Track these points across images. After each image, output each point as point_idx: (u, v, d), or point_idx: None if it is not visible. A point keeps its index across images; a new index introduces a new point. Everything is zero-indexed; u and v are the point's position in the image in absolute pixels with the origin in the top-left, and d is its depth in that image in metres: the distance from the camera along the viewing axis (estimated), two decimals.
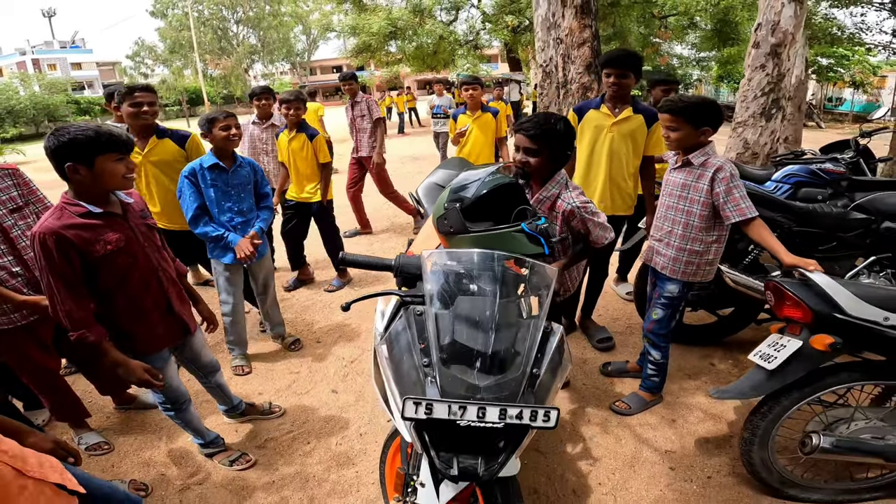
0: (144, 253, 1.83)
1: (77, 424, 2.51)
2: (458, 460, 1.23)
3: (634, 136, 2.78)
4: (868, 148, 4.18)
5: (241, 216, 2.80)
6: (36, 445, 1.28)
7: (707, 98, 2.19)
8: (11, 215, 2.06)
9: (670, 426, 2.48)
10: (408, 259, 1.56)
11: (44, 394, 2.34)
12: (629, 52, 2.73)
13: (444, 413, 1.14)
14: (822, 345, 1.60)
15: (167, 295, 1.94)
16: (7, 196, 2.07)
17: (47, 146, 1.60)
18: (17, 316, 2.08)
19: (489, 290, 1.38)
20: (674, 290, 2.31)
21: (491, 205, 1.66)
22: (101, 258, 1.68)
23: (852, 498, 1.96)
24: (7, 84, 25.71)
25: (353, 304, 1.48)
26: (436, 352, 1.26)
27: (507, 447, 1.26)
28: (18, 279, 2.07)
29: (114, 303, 1.80)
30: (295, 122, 3.75)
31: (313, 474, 2.27)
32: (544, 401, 1.30)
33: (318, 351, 3.34)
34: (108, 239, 1.68)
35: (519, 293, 1.48)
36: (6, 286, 2.02)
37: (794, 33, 4.28)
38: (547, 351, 1.37)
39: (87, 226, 1.64)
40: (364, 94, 5.20)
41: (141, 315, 1.86)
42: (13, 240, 2.06)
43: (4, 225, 2.03)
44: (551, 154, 1.99)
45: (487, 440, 1.27)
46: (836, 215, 2.68)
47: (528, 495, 2.08)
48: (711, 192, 2.09)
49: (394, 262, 1.56)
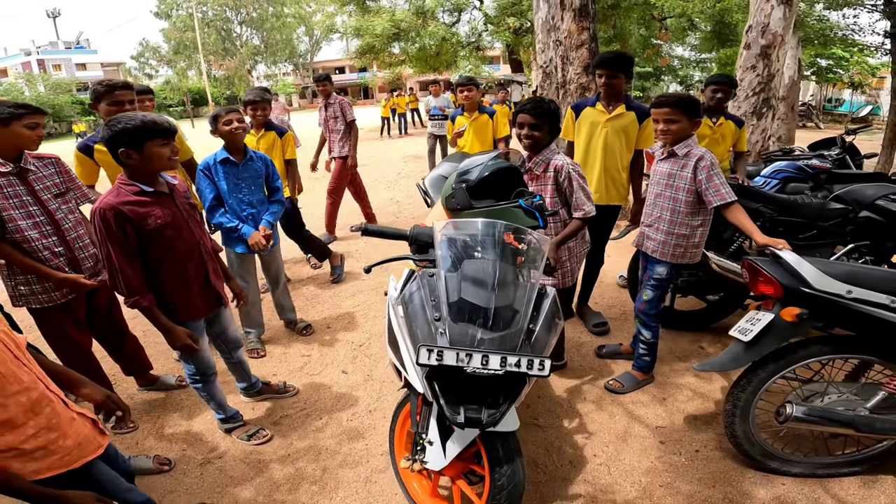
0: (188, 227, 2.05)
1: None
2: (465, 409, 1.40)
3: (627, 131, 2.98)
4: (854, 145, 4.34)
5: (252, 207, 2.97)
6: (89, 396, 1.46)
7: (691, 95, 2.37)
8: (56, 200, 2.24)
9: (661, 404, 2.64)
10: (421, 229, 1.79)
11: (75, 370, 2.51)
12: (619, 54, 2.94)
13: (453, 360, 1.33)
14: (791, 316, 1.76)
15: (206, 266, 2.15)
16: (52, 182, 2.25)
17: (103, 136, 1.82)
18: (57, 294, 2.26)
19: (491, 255, 1.57)
20: (662, 272, 2.48)
21: (493, 186, 1.89)
22: (152, 231, 1.90)
23: (830, 472, 2.06)
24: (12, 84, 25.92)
25: (374, 266, 1.74)
26: (445, 308, 1.45)
27: (507, 399, 1.43)
28: (61, 259, 2.24)
29: (160, 274, 2.00)
30: (262, 122, 3.78)
31: (326, 447, 2.44)
32: (541, 353, 1.48)
33: (327, 336, 3.51)
34: (157, 214, 1.90)
35: (518, 264, 1.66)
36: (49, 265, 2.19)
37: (783, 35, 4.45)
38: (542, 309, 1.55)
39: (140, 202, 1.87)
40: (339, 96, 5.20)
41: (184, 285, 2.06)
42: (58, 222, 2.23)
43: (50, 208, 2.21)
44: (550, 127, 2.38)
45: (490, 392, 1.45)
46: (815, 206, 2.84)
47: (527, 465, 2.22)
48: (694, 180, 2.28)
49: (409, 232, 1.80)
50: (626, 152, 3.04)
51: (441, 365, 1.34)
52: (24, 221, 2.12)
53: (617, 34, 15.02)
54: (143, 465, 2.28)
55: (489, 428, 1.41)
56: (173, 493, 2.18)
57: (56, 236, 2.22)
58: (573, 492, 2.09)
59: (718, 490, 2.06)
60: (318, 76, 5.35)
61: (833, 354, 1.91)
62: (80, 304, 2.40)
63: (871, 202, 2.82)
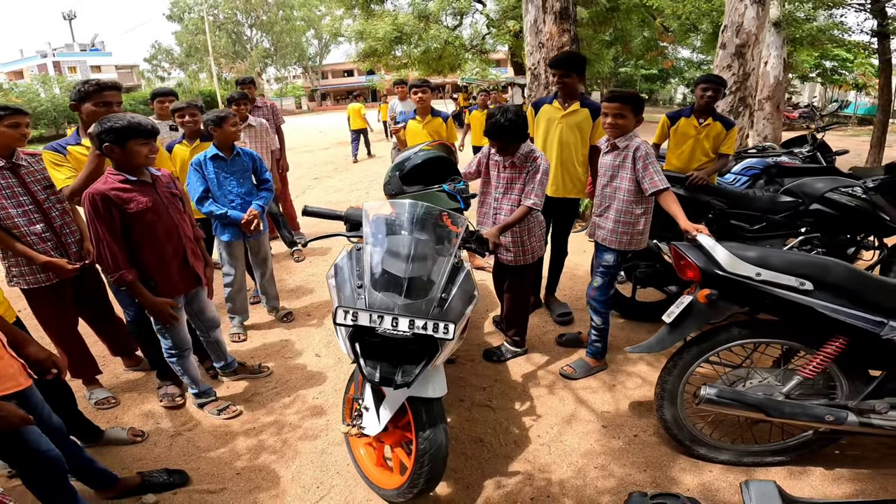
0: (168, 213, 2.30)
1: (89, 381, 2.86)
2: (381, 368, 1.56)
3: (581, 127, 3.13)
4: (825, 142, 4.41)
5: (241, 198, 3.21)
6: (33, 354, 1.67)
7: (638, 93, 2.50)
8: (45, 191, 2.48)
9: (609, 390, 2.76)
10: (353, 210, 2.05)
11: (63, 350, 2.70)
12: (571, 54, 3.12)
13: (366, 321, 1.50)
14: (703, 297, 1.88)
15: (184, 248, 2.38)
16: (42, 175, 2.49)
17: (92, 132, 2.10)
18: (43, 276, 2.47)
19: (409, 232, 1.76)
20: (610, 260, 2.61)
21: (428, 173, 2.07)
22: (134, 214, 2.16)
23: (756, 461, 2.13)
24: (28, 87, 26.22)
25: (311, 241, 2.08)
26: (368, 277, 1.64)
27: (421, 361, 1.58)
28: (48, 244, 2.46)
29: (142, 254, 2.25)
30: (195, 131, 3.56)
31: (289, 422, 2.60)
32: (455, 321, 1.63)
33: (307, 322, 3.68)
34: (138, 200, 2.17)
35: (455, 243, 1.82)
36: (36, 248, 2.41)
37: (757, 34, 4.54)
38: (456, 281, 1.71)
39: (124, 189, 2.15)
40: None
41: (163, 264, 2.31)
42: (46, 210, 2.46)
43: (39, 198, 2.44)
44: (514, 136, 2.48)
45: (410, 358, 1.60)
46: (765, 199, 2.95)
47: (472, 443, 2.37)
48: (634, 169, 2.40)
49: (343, 212, 2.04)
50: (581, 147, 3.17)
51: (359, 326, 1.51)
52: (15, 210, 2.35)
53: (618, 37, 15.08)
54: (118, 436, 2.46)
55: (402, 387, 1.56)
56: (142, 460, 2.35)
57: (44, 223, 2.45)
58: (513, 469, 2.22)
59: (648, 474, 2.16)
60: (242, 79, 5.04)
61: (753, 338, 2.01)
62: (67, 287, 2.60)
63: (821, 195, 2.91)
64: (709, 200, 2.93)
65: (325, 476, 2.19)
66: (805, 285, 1.79)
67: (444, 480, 2.10)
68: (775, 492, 0.89)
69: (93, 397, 2.82)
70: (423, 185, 2.14)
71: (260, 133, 4.47)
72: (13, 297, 2.31)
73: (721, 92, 3.34)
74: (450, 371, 2.93)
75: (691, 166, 3.29)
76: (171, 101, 3.97)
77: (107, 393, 2.86)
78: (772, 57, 7.51)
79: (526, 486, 2.12)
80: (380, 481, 1.98)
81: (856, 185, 2.91)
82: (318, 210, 2.09)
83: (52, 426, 1.79)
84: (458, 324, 1.62)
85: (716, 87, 3.28)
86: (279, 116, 5.30)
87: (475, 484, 2.12)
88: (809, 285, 1.79)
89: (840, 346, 1.83)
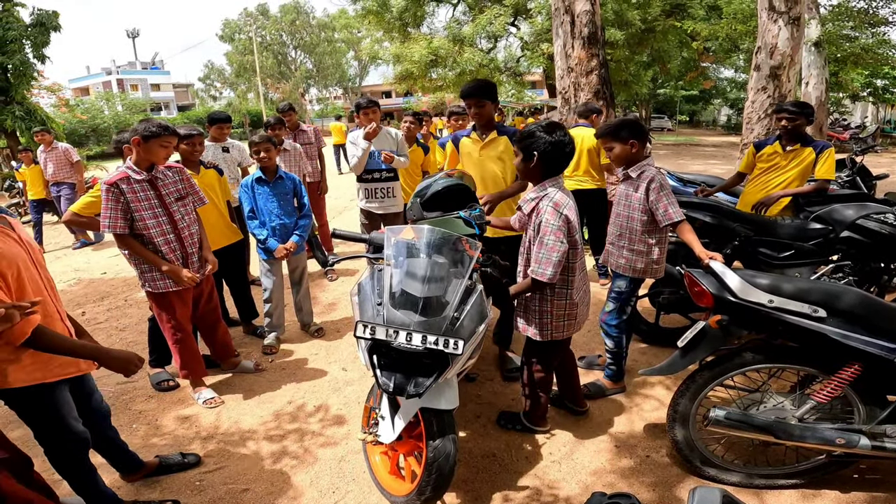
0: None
1: (196, 384, 3.04)
2: (395, 379, 1.68)
3: (503, 157, 2.94)
4: (864, 166, 4.28)
5: (280, 219, 3.50)
6: None
7: (627, 118, 2.56)
8: (176, 203, 2.74)
9: (626, 412, 2.76)
10: (378, 234, 2.20)
11: (177, 351, 2.92)
12: (481, 82, 2.87)
13: (383, 335, 1.65)
14: (714, 322, 1.90)
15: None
16: (175, 188, 2.74)
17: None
18: (170, 282, 2.72)
19: (425, 254, 1.89)
20: (622, 286, 2.64)
21: (448, 200, 2.21)
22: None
23: (768, 483, 2.10)
24: (92, 103, 26.87)
25: (338, 262, 2.25)
26: (387, 295, 1.77)
27: (432, 374, 1.70)
28: (175, 253, 2.72)
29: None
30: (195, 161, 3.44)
31: (312, 430, 2.73)
32: (465, 338, 1.75)
33: (336, 337, 3.85)
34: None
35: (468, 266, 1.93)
36: (164, 257, 2.68)
37: (792, 55, 4.48)
38: (469, 302, 1.81)
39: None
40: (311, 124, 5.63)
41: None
42: (176, 221, 2.71)
43: (171, 210, 2.70)
44: None
45: (421, 369, 1.72)
46: (794, 226, 2.90)
47: (485, 457, 2.43)
48: (647, 200, 2.44)
49: (368, 235, 2.21)
50: (509, 175, 2.96)
51: (376, 340, 1.65)
52: (151, 220, 2.63)
53: (655, 57, 15.00)
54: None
55: (413, 396, 1.68)
56: None
57: (173, 234, 2.71)
58: (521, 483, 2.26)
59: (657, 493, 2.16)
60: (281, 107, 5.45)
61: (767, 363, 2.01)
62: (189, 293, 2.86)
63: (852, 222, 2.85)
64: (735, 227, 2.91)
65: (341, 482, 2.30)
66: (818, 312, 1.80)
67: (454, 491, 2.17)
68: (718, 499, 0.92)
69: (200, 397, 2.99)
70: (442, 212, 2.29)
71: (294, 157, 4.75)
72: None
73: (795, 119, 3.11)
74: (469, 388, 3.00)
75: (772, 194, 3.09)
76: (229, 127, 4.38)
77: (213, 393, 3.02)
78: (812, 77, 7.32)
79: (533, 500, 2.16)
80: (392, 488, 2.07)
81: (888, 211, 2.84)
82: (345, 233, 2.26)
83: (102, 410, 2.08)
84: (468, 341, 1.74)
85: (787, 116, 3.11)
86: (321, 140, 5.61)
87: (484, 496, 2.18)
88: (823, 312, 1.80)
89: (854, 371, 1.83)
